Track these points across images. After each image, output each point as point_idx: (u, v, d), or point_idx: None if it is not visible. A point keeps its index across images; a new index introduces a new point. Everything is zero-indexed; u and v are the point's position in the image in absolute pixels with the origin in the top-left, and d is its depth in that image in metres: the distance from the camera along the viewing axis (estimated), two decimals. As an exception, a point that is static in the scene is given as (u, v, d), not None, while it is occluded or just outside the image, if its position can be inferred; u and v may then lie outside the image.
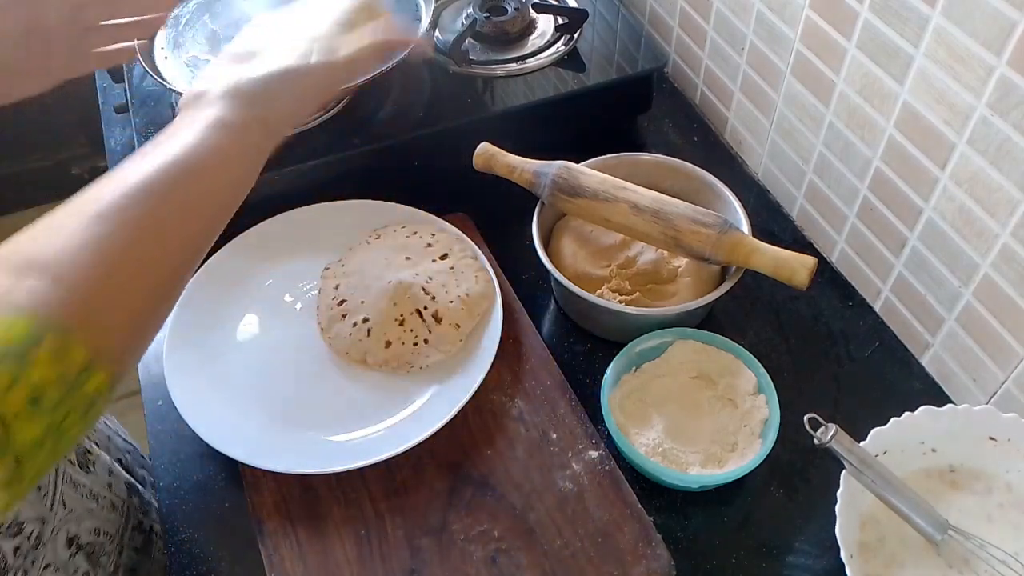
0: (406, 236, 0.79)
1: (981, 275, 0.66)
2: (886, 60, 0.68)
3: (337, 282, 0.76)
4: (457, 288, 0.75)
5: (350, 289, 0.75)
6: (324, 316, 0.75)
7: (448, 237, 0.80)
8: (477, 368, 0.71)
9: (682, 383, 0.71)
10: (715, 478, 0.65)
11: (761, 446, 0.66)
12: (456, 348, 0.73)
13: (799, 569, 0.65)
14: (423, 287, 0.74)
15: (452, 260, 0.77)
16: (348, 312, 0.74)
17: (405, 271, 0.75)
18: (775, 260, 0.70)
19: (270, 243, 0.81)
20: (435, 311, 0.73)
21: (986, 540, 0.60)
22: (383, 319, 0.73)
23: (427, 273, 0.75)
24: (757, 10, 0.83)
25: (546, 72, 0.92)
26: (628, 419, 0.68)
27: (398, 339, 0.72)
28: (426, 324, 0.73)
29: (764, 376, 0.68)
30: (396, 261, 0.76)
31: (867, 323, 0.80)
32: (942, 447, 0.66)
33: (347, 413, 0.70)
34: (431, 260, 0.77)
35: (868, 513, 0.64)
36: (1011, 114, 0.59)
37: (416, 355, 0.72)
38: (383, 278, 0.74)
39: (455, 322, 0.73)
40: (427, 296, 0.73)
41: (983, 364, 0.69)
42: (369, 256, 0.77)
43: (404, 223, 0.82)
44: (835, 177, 0.80)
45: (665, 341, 0.72)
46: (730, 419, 0.68)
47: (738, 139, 0.95)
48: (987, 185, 0.63)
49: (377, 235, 0.80)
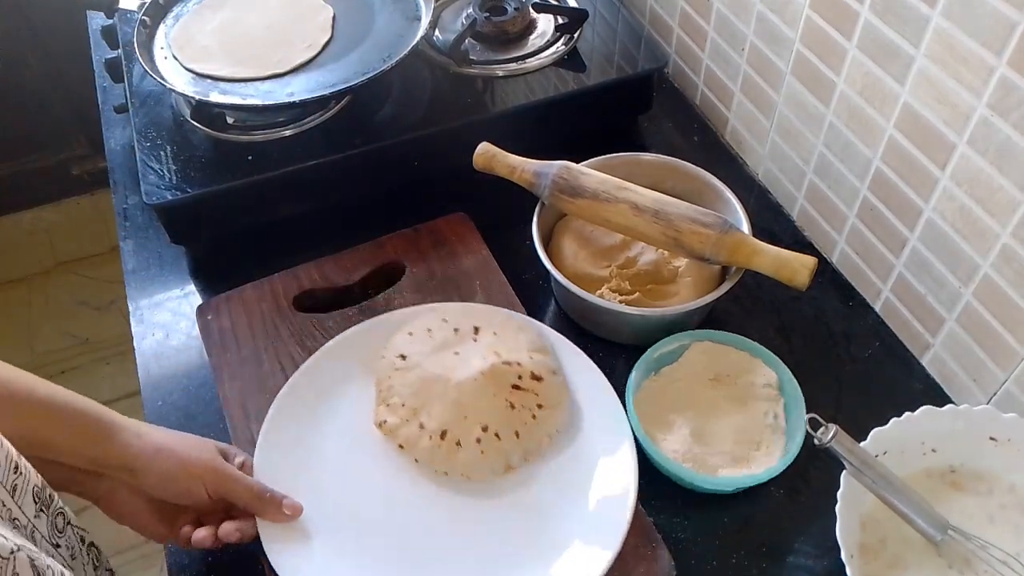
0: (429, 338, 0.71)
1: (981, 275, 0.66)
2: (887, 60, 0.68)
3: (418, 421, 0.67)
4: (518, 343, 0.70)
5: (436, 416, 0.66)
6: (438, 459, 0.65)
7: (456, 311, 0.74)
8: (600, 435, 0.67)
9: (702, 385, 0.71)
10: (750, 479, 0.65)
11: (786, 442, 0.66)
12: (566, 393, 0.69)
13: (799, 570, 0.64)
14: (503, 362, 0.68)
15: (488, 328, 0.72)
16: (459, 437, 0.65)
17: (472, 364, 0.68)
18: (776, 261, 0.70)
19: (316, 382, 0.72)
20: (531, 372, 0.68)
21: (987, 541, 0.60)
22: (499, 416, 0.66)
23: (489, 351, 0.69)
24: (757, 10, 0.83)
25: (546, 72, 0.92)
26: (651, 425, 0.68)
27: (522, 423, 0.66)
28: (531, 390, 0.67)
29: (785, 372, 0.69)
30: (449, 363, 0.69)
31: (868, 323, 0.80)
32: (943, 447, 0.66)
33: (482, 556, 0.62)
34: (473, 340, 0.71)
35: (869, 514, 0.64)
36: (1012, 114, 0.59)
37: (542, 424, 0.67)
38: (462, 383, 0.67)
39: (549, 370, 0.69)
40: (513, 366, 0.68)
41: (984, 364, 0.69)
42: (416, 378, 0.68)
43: (399, 325, 0.74)
44: (835, 177, 0.80)
45: (682, 344, 0.72)
46: (751, 418, 0.69)
47: (738, 139, 0.95)
48: (988, 185, 0.63)
49: (402, 356, 0.70)
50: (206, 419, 0.74)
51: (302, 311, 0.78)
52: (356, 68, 0.84)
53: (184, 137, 0.84)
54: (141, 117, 0.86)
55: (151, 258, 0.87)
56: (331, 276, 0.81)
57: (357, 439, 0.68)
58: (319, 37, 0.88)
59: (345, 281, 0.80)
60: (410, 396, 0.67)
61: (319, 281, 0.80)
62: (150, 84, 0.89)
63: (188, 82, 0.84)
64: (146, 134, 0.84)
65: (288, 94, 0.82)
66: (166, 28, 0.90)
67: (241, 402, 0.72)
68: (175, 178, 0.80)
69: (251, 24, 0.90)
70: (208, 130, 0.84)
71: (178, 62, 0.86)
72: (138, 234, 0.89)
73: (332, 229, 0.86)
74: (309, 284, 0.80)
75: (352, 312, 0.77)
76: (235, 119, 0.85)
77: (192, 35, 0.89)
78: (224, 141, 0.84)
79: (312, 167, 0.82)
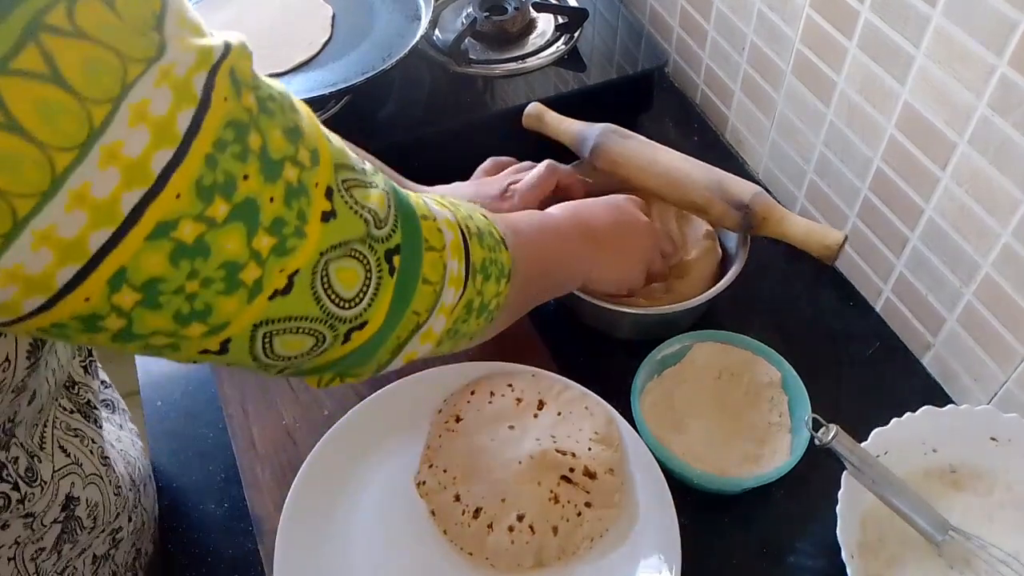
0: (488, 403, 0.67)
1: (982, 275, 0.66)
2: (887, 60, 0.68)
3: (456, 491, 0.63)
4: (580, 430, 0.65)
5: (475, 492, 0.63)
6: (465, 537, 0.61)
7: (527, 380, 0.69)
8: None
9: (706, 385, 0.71)
10: (761, 478, 0.65)
11: (792, 439, 0.66)
12: (621, 496, 0.63)
13: (800, 570, 0.64)
14: (556, 449, 0.64)
15: (553, 405, 0.67)
16: (493, 520, 0.61)
17: (523, 445, 0.64)
18: (807, 229, 0.70)
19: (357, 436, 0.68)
20: (584, 468, 0.63)
21: (987, 540, 0.60)
22: (539, 507, 0.61)
23: (545, 434, 0.65)
24: (758, 9, 0.83)
25: (546, 71, 0.92)
26: (658, 427, 0.68)
27: (563, 519, 0.61)
28: (581, 486, 0.63)
29: (789, 369, 0.69)
30: (501, 437, 0.65)
31: (868, 323, 0.80)
32: (943, 447, 0.66)
33: None
34: (533, 417, 0.67)
35: (869, 513, 0.64)
36: (1012, 114, 0.59)
37: (587, 525, 0.62)
38: (507, 464, 0.63)
39: (606, 467, 0.63)
40: (567, 456, 0.63)
41: (984, 364, 0.69)
42: (464, 446, 0.65)
43: (467, 379, 0.70)
44: (836, 177, 0.80)
45: (685, 345, 0.72)
46: (757, 417, 0.69)
47: (739, 138, 0.95)
48: (988, 185, 0.63)
49: (456, 417, 0.67)
50: (206, 419, 0.73)
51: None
52: (356, 67, 0.84)
53: (184, 137, 0.84)
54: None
55: (151, 258, 0.87)
56: (331, 276, 0.80)
57: (400, 489, 0.65)
58: (319, 36, 0.88)
59: (345, 281, 0.80)
60: (453, 464, 0.64)
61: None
62: (150, 83, 0.89)
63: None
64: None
65: (288, 93, 0.82)
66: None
67: (241, 402, 0.72)
68: (175, 178, 0.80)
69: (251, 23, 0.90)
70: (208, 130, 0.84)
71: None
72: (138, 234, 0.89)
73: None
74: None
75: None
76: (235, 119, 0.85)
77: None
78: (224, 141, 0.84)
79: (312, 167, 0.82)
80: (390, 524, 0.64)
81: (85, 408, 0.57)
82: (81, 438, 0.56)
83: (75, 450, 0.55)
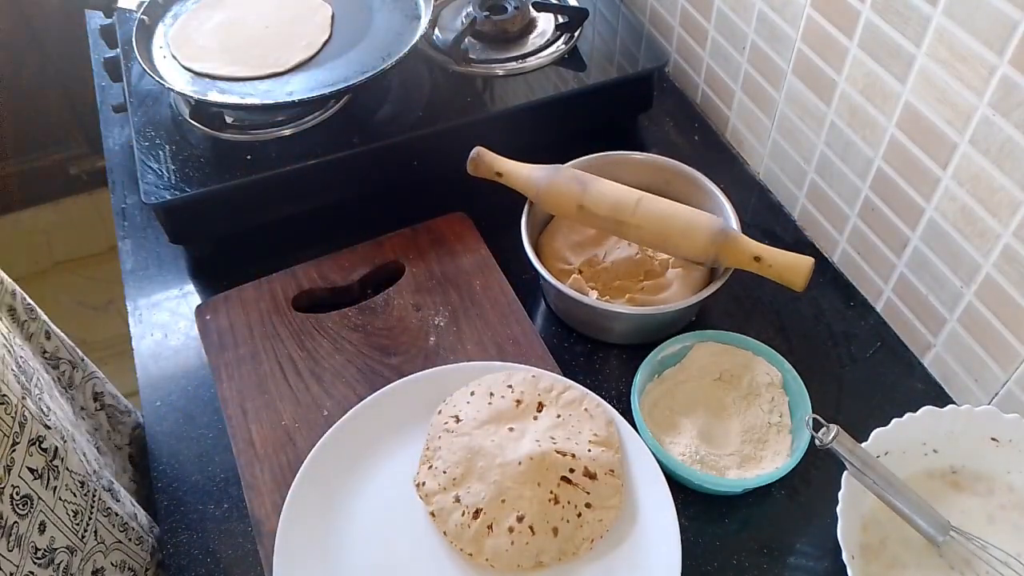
0: (488, 404, 0.67)
1: (983, 275, 0.66)
2: (888, 59, 0.68)
3: (455, 493, 0.63)
4: (580, 431, 0.65)
5: (475, 493, 0.62)
6: (465, 538, 0.61)
7: (526, 380, 0.69)
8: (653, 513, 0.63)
9: (706, 386, 0.71)
10: (761, 479, 0.64)
11: (792, 440, 0.66)
12: (621, 497, 0.64)
13: (800, 570, 0.64)
14: (556, 450, 0.63)
15: (553, 406, 0.67)
16: (492, 521, 0.61)
17: (522, 445, 0.64)
18: (772, 263, 0.69)
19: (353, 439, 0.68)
20: (584, 469, 0.63)
21: (988, 541, 0.60)
22: (539, 508, 0.61)
23: (545, 435, 0.65)
24: (758, 9, 0.83)
25: (546, 71, 0.91)
26: (658, 428, 0.68)
27: (563, 520, 0.62)
28: (581, 487, 0.63)
29: (789, 369, 0.69)
30: (500, 438, 0.65)
31: (869, 323, 0.80)
32: (944, 448, 0.66)
33: None
34: (533, 418, 0.67)
35: (870, 514, 0.64)
36: (1013, 114, 0.58)
37: (587, 526, 0.62)
38: (506, 465, 0.63)
39: (606, 469, 0.64)
40: (566, 457, 0.63)
41: (985, 365, 0.69)
42: (463, 447, 0.64)
43: (468, 378, 0.70)
44: (837, 177, 0.80)
45: (685, 346, 0.72)
46: (757, 417, 0.69)
47: (739, 138, 0.95)
48: (989, 185, 0.63)
49: (456, 418, 0.67)
50: (205, 419, 0.73)
51: (301, 311, 0.78)
52: (355, 67, 0.84)
53: (183, 136, 0.84)
54: (140, 116, 0.86)
55: (149, 258, 0.87)
56: (330, 276, 0.80)
57: (400, 489, 0.65)
58: (318, 36, 0.88)
59: (344, 281, 0.80)
60: (453, 465, 0.64)
61: (318, 281, 0.80)
62: (149, 83, 0.89)
63: (187, 81, 0.84)
64: (145, 133, 0.84)
65: (287, 93, 0.82)
66: (165, 27, 0.90)
67: (240, 402, 0.72)
68: (174, 178, 0.80)
69: (250, 23, 0.90)
70: (207, 129, 0.84)
71: (177, 61, 0.86)
72: (136, 234, 0.89)
73: (331, 229, 0.86)
74: (308, 284, 0.80)
75: (351, 312, 0.77)
76: (234, 118, 0.85)
77: (191, 34, 0.88)
78: (223, 140, 0.83)
79: (311, 167, 0.82)
80: (389, 525, 0.64)
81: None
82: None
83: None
